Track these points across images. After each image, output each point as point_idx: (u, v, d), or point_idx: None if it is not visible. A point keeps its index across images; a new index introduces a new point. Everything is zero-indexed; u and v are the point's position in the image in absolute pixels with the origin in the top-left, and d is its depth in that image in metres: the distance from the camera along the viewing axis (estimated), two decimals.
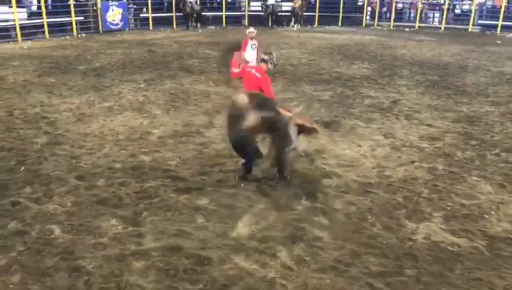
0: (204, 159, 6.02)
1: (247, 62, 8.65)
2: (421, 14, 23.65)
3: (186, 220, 4.56)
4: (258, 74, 5.85)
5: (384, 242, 4.25)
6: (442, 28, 22.64)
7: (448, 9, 23.18)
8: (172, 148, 6.38)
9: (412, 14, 24.49)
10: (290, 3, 22.70)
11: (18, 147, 6.37)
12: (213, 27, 21.87)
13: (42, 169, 5.66)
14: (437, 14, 24.18)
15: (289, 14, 22.64)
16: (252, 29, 9.22)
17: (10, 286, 3.54)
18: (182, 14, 20.79)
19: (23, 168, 5.63)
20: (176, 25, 21.19)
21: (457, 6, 24.25)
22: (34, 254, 3.93)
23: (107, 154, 6.16)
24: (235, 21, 22.85)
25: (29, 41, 15.86)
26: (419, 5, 23.34)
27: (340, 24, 23.56)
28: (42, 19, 16.74)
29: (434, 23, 24.03)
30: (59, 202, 4.85)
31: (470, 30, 22.10)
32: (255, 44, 8.91)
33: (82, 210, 4.70)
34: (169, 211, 4.70)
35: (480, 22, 22.78)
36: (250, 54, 8.86)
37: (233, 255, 3.99)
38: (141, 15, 20.91)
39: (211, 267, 3.81)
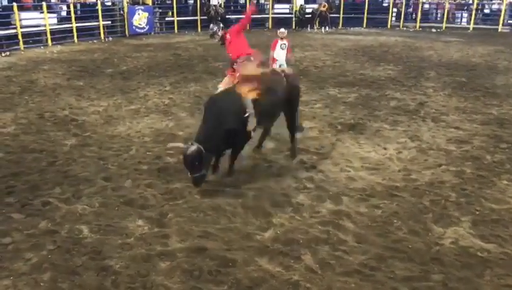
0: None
1: (275, 60, 9.05)
2: (448, 14, 23.21)
3: (211, 221, 4.60)
4: (228, 36, 5.85)
5: (410, 246, 4.19)
6: (471, 29, 22.16)
7: (476, 9, 22.69)
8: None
9: (439, 15, 24.05)
10: (315, 5, 22.71)
11: (48, 148, 6.55)
12: None
13: (71, 170, 5.81)
14: (465, 14, 23.69)
15: (310, 17, 22.61)
16: (282, 29, 9.55)
17: (41, 284, 3.64)
18: (206, 17, 20.99)
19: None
20: (201, 28, 21.40)
21: (486, 6, 23.71)
22: (64, 252, 4.04)
23: (133, 156, 6.28)
24: (259, 24, 22.91)
25: (59, 46, 16.29)
26: (447, 5, 22.91)
27: (364, 25, 23.36)
28: (71, 23, 17.18)
29: (462, 23, 23.54)
30: (87, 202, 4.97)
31: (499, 30, 21.55)
32: (284, 44, 9.24)
33: (109, 211, 4.80)
34: (194, 213, 4.75)
35: (510, 21, 22.20)
36: (279, 52, 9.14)
37: (257, 257, 4.00)
38: (166, 19, 21.20)
39: (236, 269, 3.83)
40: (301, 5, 22.56)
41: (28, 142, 6.78)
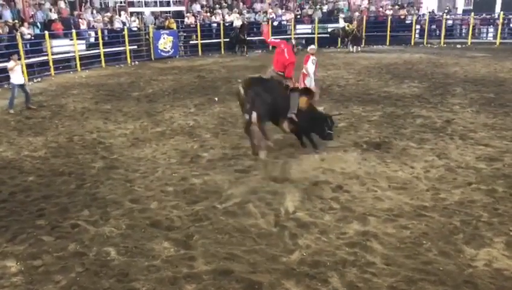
0: (253, 182, 6.05)
1: (306, 75, 9.90)
2: (473, 29, 22.88)
3: (236, 243, 4.58)
4: (286, 55, 6.74)
5: (441, 269, 4.06)
6: (497, 43, 21.76)
7: (503, 23, 22.30)
8: (221, 171, 6.48)
9: (464, 30, 23.73)
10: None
11: (77, 171, 6.71)
12: (259, 51, 22.25)
13: (99, 193, 5.92)
14: (491, 29, 23.30)
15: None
16: (313, 46, 10.28)
17: None
18: (233, 41, 21.31)
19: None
20: (224, 50, 21.74)
21: None
22: (92, 275, 4.09)
23: (159, 178, 6.35)
24: None
25: (87, 71, 16.81)
26: (472, 20, 22.60)
27: (388, 43, 23.25)
28: (99, 49, 17.75)
29: (488, 38, 23.15)
30: (115, 224, 5.04)
31: None
32: (315, 59, 9.87)
33: (136, 233, 4.84)
34: (220, 234, 4.75)
35: None
36: (311, 67, 9.81)
37: (284, 280, 3.95)
38: (190, 42, 21.64)
39: None
40: (348, 24, 22.51)
41: (57, 166, 6.96)
